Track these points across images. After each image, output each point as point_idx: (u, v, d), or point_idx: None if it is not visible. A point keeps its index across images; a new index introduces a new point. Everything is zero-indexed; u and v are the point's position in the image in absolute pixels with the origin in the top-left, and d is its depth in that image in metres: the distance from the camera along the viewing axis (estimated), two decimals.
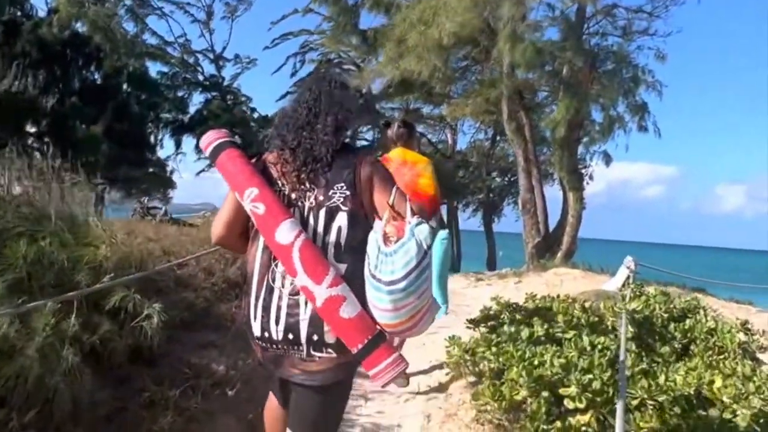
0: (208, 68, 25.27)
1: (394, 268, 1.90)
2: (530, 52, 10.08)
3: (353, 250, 2.06)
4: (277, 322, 2.06)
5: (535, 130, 13.62)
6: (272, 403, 2.47)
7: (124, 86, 24.27)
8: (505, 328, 4.78)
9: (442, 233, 4.08)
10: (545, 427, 3.48)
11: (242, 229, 2.20)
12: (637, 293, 6.85)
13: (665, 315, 5.67)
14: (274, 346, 2.08)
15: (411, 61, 11.46)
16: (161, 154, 25.44)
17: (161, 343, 3.81)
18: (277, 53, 27.84)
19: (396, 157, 4.35)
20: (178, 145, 25.13)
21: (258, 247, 2.14)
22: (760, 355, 5.54)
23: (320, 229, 2.08)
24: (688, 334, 5.35)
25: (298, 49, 24.19)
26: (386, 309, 1.94)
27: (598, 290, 7.31)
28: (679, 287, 10.70)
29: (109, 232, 4.56)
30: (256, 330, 2.10)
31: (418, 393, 4.67)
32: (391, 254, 1.92)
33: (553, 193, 18.99)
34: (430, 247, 1.95)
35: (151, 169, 25.38)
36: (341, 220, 2.08)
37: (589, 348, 4.27)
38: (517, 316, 5.23)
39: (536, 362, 3.84)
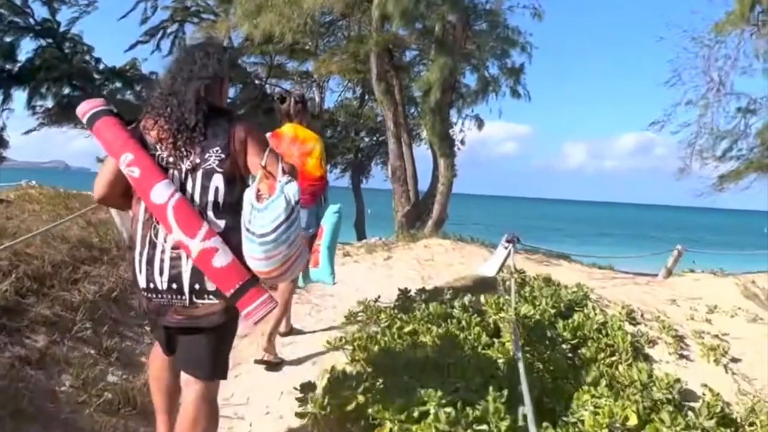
0: (40, 11, 21.64)
1: (264, 222, 2.08)
2: (406, 1, 8.95)
3: (231, 208, 2.22)
4: (161, 274, 2.21)
5: (404, 92, 12.75)
6: (157, 350, 2.56)
7: None
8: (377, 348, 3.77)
9: (334, 207, 4.49)
10: None
11: (123, 189, 2.31)
12: (518, 280, 6.15)
13: (552, 311, 4.98)
14: (159, 296, 2.23)
15: (270, 19, 9.96)
16: None
17: None
18: None
19: (288, 132, 4.32)
20: (5, 98, 21.50)
21: (141, 207, 2.26)
22: (649, 350, 5.04)
23: (198, 189, 2.21)
24: (578, 333, 4.71)
25: None
26: (259, 258, 2.12)
27: (476, 277, 6.50)
28: (544, 254, 10.38)
29: None
30: (142, 282, 2.25)
31: None
32: (263, 210, 2.09)
33: (422, 153, 18.31)
34: (297, 202, 2.11)
35: None
36: (218, 181, 2.21)
37: (478, 378, 3.36)
38: (394, 330, 4.25)
39: (416, 414, 2.84)
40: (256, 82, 22.37)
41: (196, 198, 2.21)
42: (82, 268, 4.76)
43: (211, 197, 2.22)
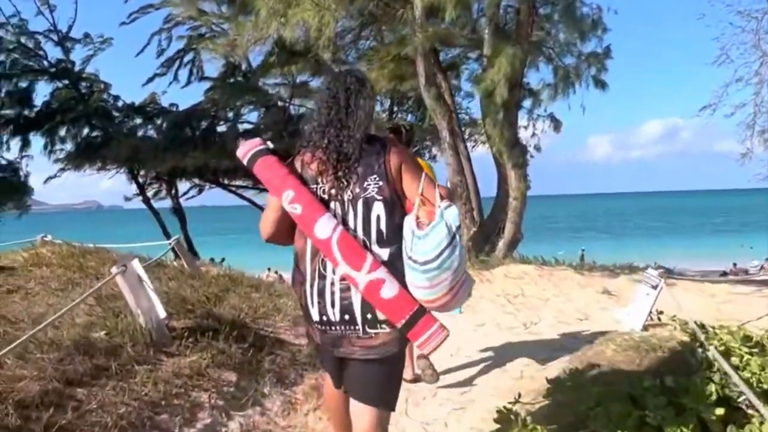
0: (54, 52, 20.41)
1: (427, 249, 2.02)
2: None
3: (393, 236, 2.15)
4: (332, 306, 2.17)
5: (454, 96, 11.01)
6: (329, 386, 2.56)
7: None
8: None
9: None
10: None
11: (289, 225, 2.29)
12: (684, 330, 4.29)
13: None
14: (333, 327, 2.19)
15: (305, 12, 8.27)
16: (8, 156, 20.59)
17: None
18: (138, 30, 23.40)
19: None
20: (24, 144, 20.31)
21: (307, 240, 2.24)
22: None
23: (360, 219, 2.17)
24: None
25: (162, 24, 19.92)
26: (424, 286, 2.06)
27: (610, 334, 4.62)
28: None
29: None
30: (315, 315, 2.22)
31: None
32: (424, 237, 2.03)
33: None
34: (459, 227, 2.07)
35: (1, 174, 20.59)
36: (378, 209, 2.16)
37: None
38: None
39: None
40: (279, 104, 20.88)
41: (359, 228, 2.18)
42: (78, 392, 3.05)
43: (373, 226, 2.17)
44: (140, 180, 20.87)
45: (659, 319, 4.93)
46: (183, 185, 21.61)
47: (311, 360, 4.45)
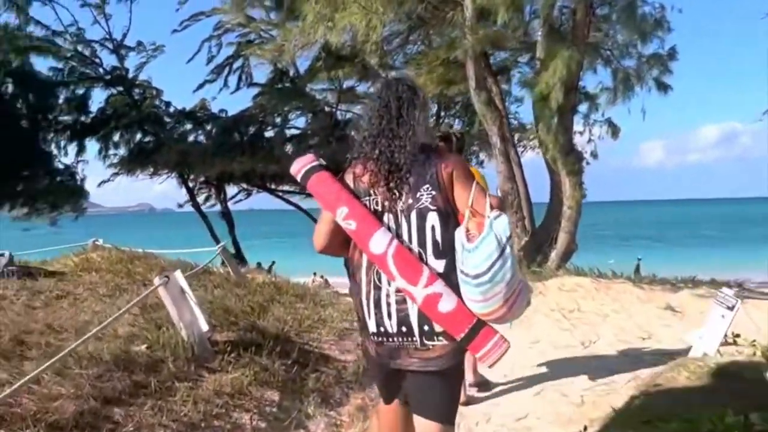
0: (109, 59, 20.94)
1: (477, 262, 1.96)
2: None
3: (449, 247, 2.09)
4: (389, 317, 2.13)
5: (505, 101, 10.63)
6: (382, 405, 2.46)
7: (7, 88, 19.91)
8: None
9: None
10: None
11: (342, 238, 2.25)
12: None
13: None
14: (390, 339, 2.15)
15: (352, 16, 8.11)
16: (66, 161, 21.22)
17: None
18: (190, 37, 23.91)
19: None
20: (80, 149, 20.87)
21: (362, 252, 2.21)
22: None
23: (414, 230, 2.13)
24: None
25: (212, 31, 20.20)
26: (477, 300, 2.01)
27: (680, 358, 4.24)
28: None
29: None
30: (372, 326, 2.18)
31: None
32: (474, 250, 1.98)
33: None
34: (509, 237, 2.00)
35: (59, 178, 21.23)
36: (432, 219, 2.12)
37: None
38: None
39: None
40: (326, 109, 20.88)
41: (414, 240, 2.13)
42: (114, 412, 2.91)
43: (428, 237, 2.12)
44: (190, 184, 21.18)
45: (735, 342, 4.52)
46: (231, 189, 21.85)
47: (357, 378, 4.24)
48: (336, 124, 20.31)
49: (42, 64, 19.98)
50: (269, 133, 21.33)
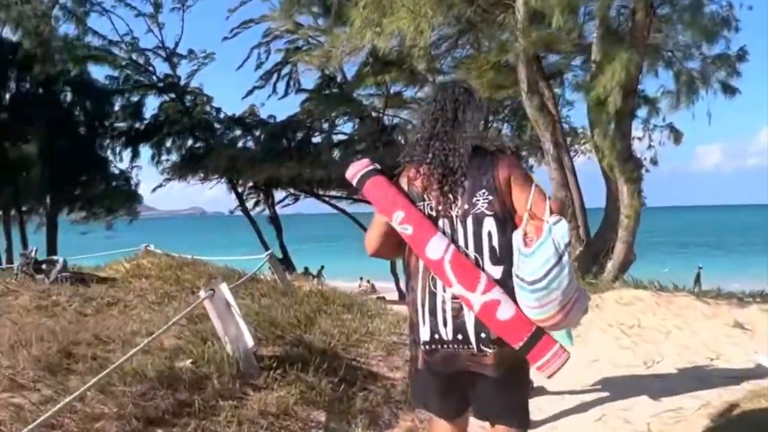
0: (162, 67, 21.49)
1: (534, 268, 1.92)
2: None
3: (506, 253, 2.05)
4: (444, 324, 2.09)
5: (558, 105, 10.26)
6: (438, 425, 2.33)
7: (66, 96, 20.65)
8: None
9: None
10: None
11: (395, 241, 2.22)
12: None
13: None
14: (445, 346, 2.10)
15: (401, 21, 7.97)
16: (121, 166, 21.90)
17: None
18: (240, 44, 24.47)
19: None
20: (134, 155, 21.45)
21: (417, 259, 2.17)
22: None
23: (470, 236, 2.09)
24: None
25: (261, 38, 20.47)
26: (533, 306, 1.97)
27: (758, 383, 3.90)
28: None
29: None
30: (425, 334, 2.12)
31: None
32: (530, 255, 1.93)
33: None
34: (568, 244, 1.96)
35: (114, 183, 21.91)
36: (489, 224, 2.08)
37: None
38: None
39: None
40: (373, 114, 20.84)
41: (470, 246, 2.09)
42: None
43: (485, 243, 2.07)
44: (239, 189, 21.49)
45: None
46: (279, 194, 22.08)
47: (406, 398, 4.05)
48: (383, 129, 20.25)
49: (99, 73, 20.70)
50: (316, 139, 21.46)
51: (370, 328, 5.60)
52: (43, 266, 7.13)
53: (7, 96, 19.16)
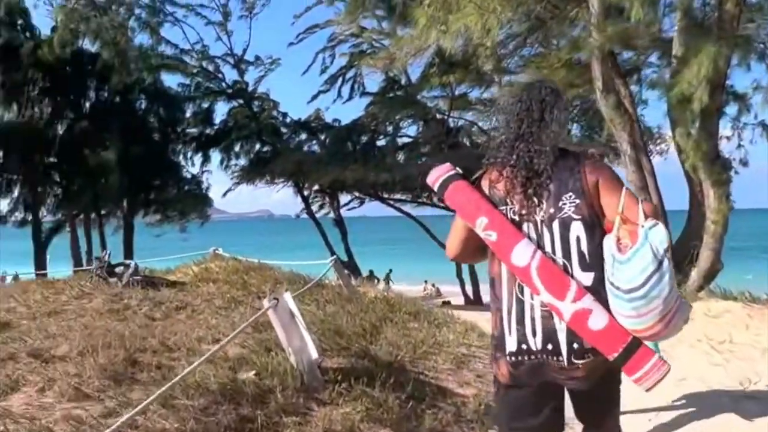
0: (230, 74, 22.02)
1: (631, 275, 1.83)
2: None
3: (596, 259, 1.97)
4: (533, 334, 2.00)
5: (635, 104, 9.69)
6: None
7: (141, 104, 21.49)
8: None
9: None
10: None
11: (477, 245, 2.18)
12: None
13: None
14: (533, 356, 2.01)
15: (467, 17, 7.71)
16: (193, 171, 22.62)
17: None
18: (305, 49, 24.89)
19: None
20: (205, 160, 22.08)
21: (502, 265, 2.10)
22: None
23: (558, 242, 2.01)
24: None
25: (326, 42, 20.64)
26: (630, 316, 1.87)
27: None
28: None
29: None
30: (511, 345, 2.04)
31: None
32: (626, 261, 1.85)
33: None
34: (667, 249, 1.86)
35: (186, 187, 22.63)
36: (577, 229, 2.00)
37: None
38: None
39: None
40: (438, 116, 20.60)
41: (558, 251, 1.99)
42: None
43: (573, 249, 1.97)
44: (305, 192, 21.74)
45: None
46: (344, 197, 22.19)
47: (478, 416, 3.80)
48: (448, 132, 20.00)
49: (171, 81, 21.42)
50: (381, 142, 21.43)
51: (438, 339, 5.38)
52: (117, 270, 7.29)
53: (87, 105, 20.10)
